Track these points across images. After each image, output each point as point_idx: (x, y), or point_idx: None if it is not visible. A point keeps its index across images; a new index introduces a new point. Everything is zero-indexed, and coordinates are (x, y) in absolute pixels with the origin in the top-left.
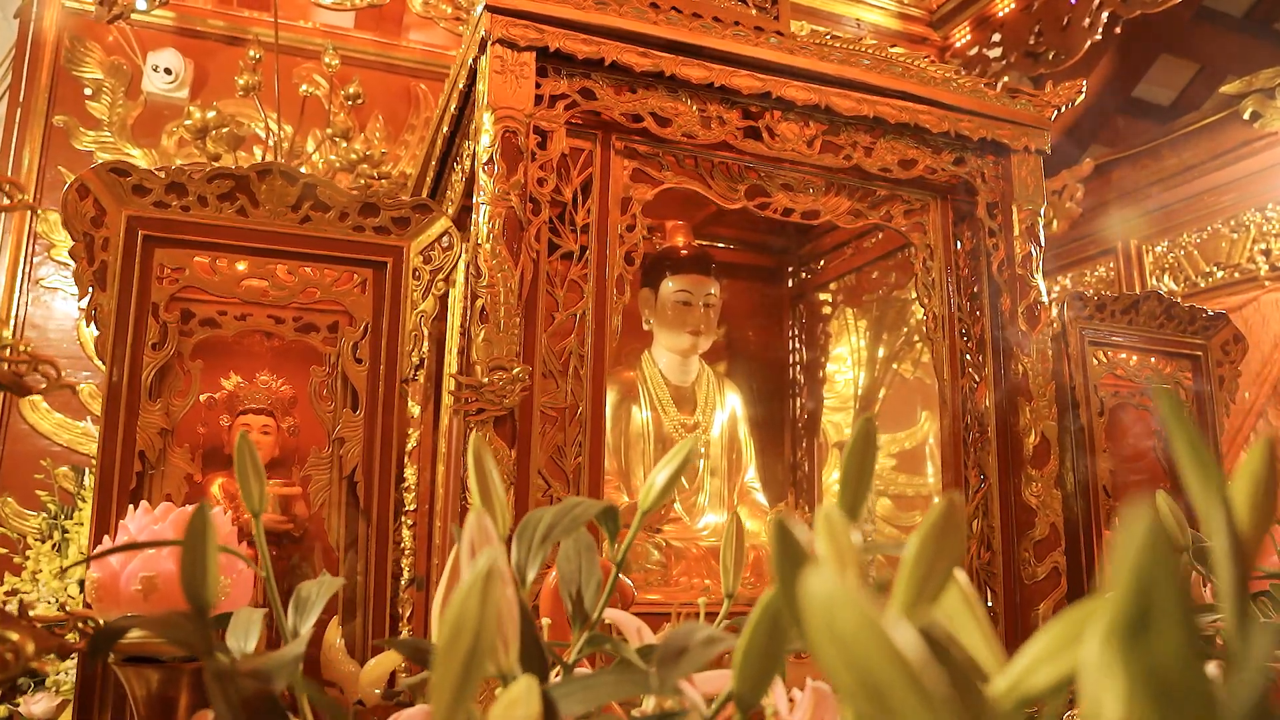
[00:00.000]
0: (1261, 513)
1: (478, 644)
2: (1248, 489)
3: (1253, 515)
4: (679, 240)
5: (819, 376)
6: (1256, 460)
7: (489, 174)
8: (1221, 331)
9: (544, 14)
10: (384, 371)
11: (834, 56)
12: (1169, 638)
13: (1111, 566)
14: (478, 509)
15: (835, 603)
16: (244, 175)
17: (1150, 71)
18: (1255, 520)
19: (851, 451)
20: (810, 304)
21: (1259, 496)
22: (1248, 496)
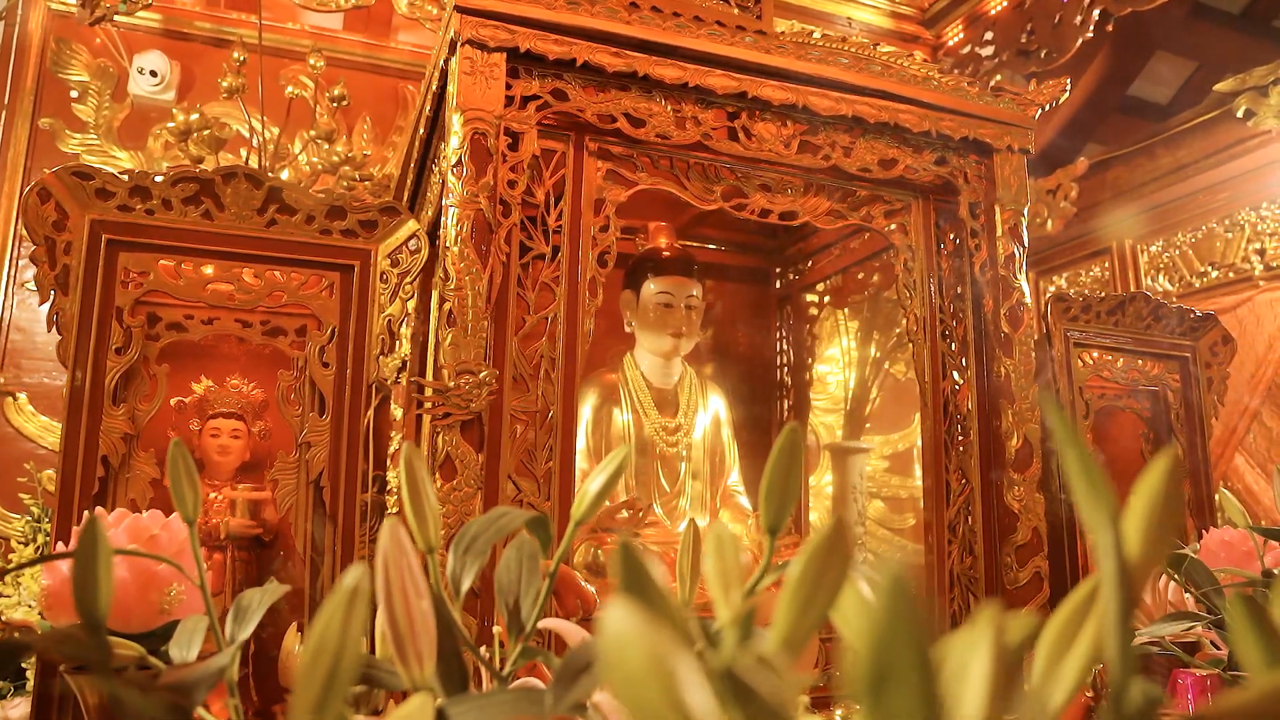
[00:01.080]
0: (1157, 536)
1: (339, 666)
2: (1145, 510)
3: (1148, 538)
4: (661, 241)
5: (805, 378)
6: (1156, 479)
7: (457, 176)
8: (1210, 333)
9: (515, 14)
10: (350, 375)
11: (812, 56)
12: (904, 697)
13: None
14: (393, 520)
15: (627, 641)
16: (209, 178)
17: (1147, 69)
18: (1150, 543)
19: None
20: (797, 305)
21: (1156, 518)
22: (1144, 518)
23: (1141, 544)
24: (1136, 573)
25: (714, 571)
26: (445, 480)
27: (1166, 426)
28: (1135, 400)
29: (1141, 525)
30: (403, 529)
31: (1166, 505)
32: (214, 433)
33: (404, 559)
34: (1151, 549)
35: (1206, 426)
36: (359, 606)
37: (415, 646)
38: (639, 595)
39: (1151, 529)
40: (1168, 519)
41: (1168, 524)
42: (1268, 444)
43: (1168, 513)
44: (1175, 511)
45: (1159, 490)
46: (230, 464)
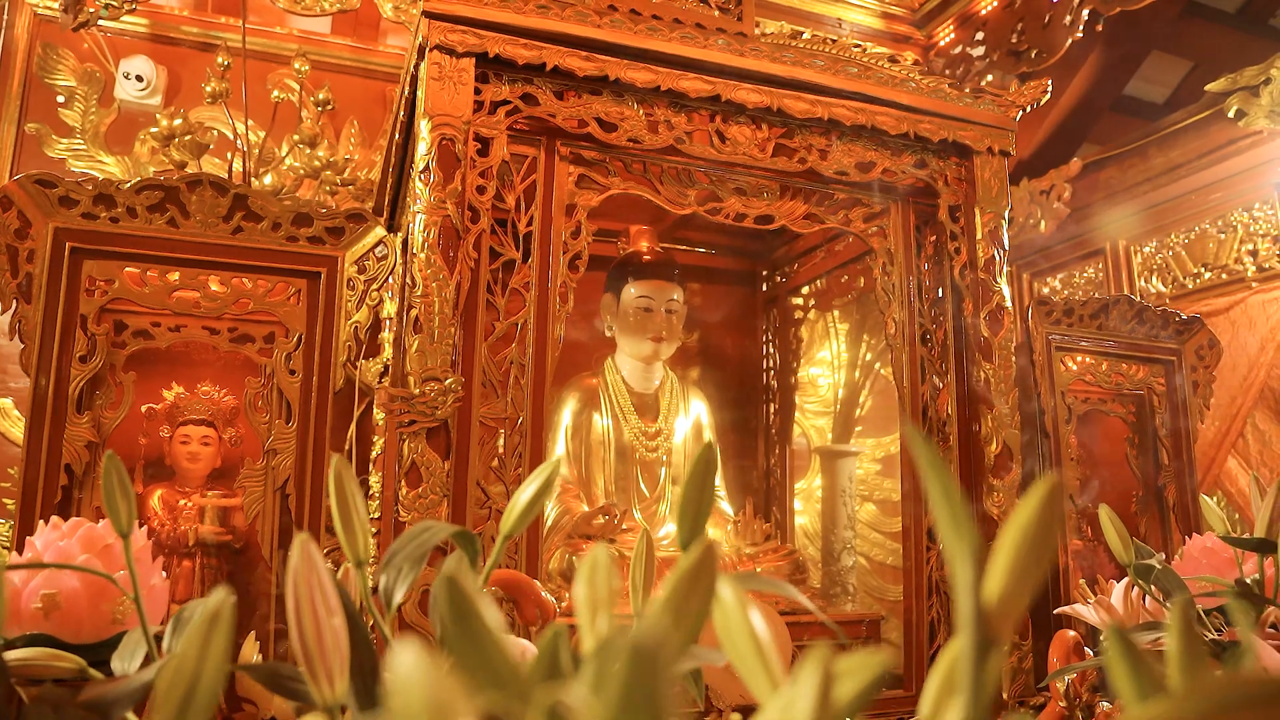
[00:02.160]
0: (1027, 567)
1: (195, 690)
2: (1014, 543)
3: (1014, 573)
4: (642, 245)
5: (791, 382)
6: (1030, 510)
7: (424, 182)
8: (1196, 335)
9: (483, 19)
10: (317, 383)
11: (786, 58)
12: None
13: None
14: (304, 536)
15: (408, 683)
16: (174, 186)
17: (1143, 69)
18: (1016, 579)
19: (690, 478)
20: (783, 308)
21: (1026, 552)
22: (1012, 552)
23: (1006, 579)
24: (998, 609)
25: (582, 597)
26: (411, 488)
27: (1151, 431)
28: (1120, 405)
29: (1009, 559)
30: (314, 545)
31: (1039, 537)
32: (184, 439)
33: (314, 575)
34: (1017, 585)
35: (1192, 431)
36: (220, 631)
37: (325, 664)
38: (463, 632)
39: (1019, 563)
40: (1040, 553)
41: (1040, 557)
42: (1261, 447)
43: (1040, 546)
44: (1048, 545)
45: (1033, 521)
46: (200, 471)
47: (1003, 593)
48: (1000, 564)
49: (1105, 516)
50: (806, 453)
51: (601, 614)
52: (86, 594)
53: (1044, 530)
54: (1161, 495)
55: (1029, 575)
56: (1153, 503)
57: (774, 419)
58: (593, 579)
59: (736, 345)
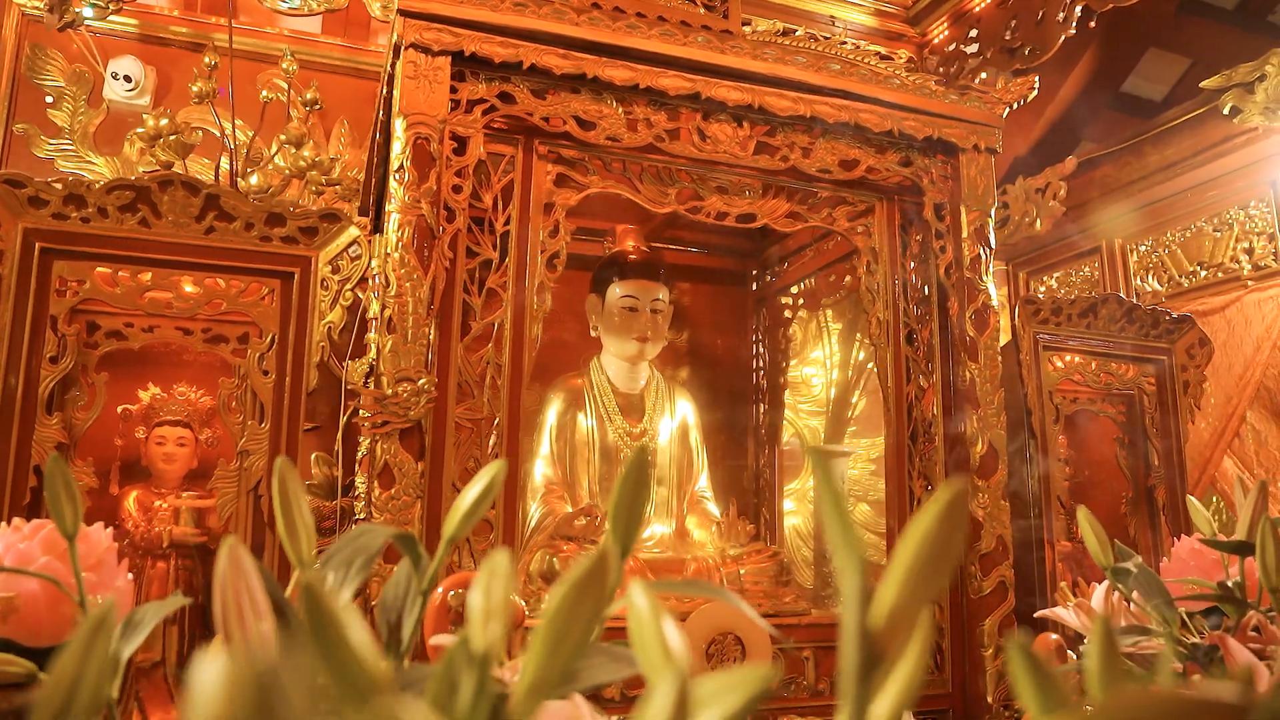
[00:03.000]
0: (923, 580)
1: (74, 699)
2: (910, 554)
3: (910, 583)
4: (628, 244)
5: (780, 382)
6: (929, 520)
7: (399, 181)
8: (1186, 335)
9: (459, 17)
10: (290, 383)
11: (768, 55)
12: None
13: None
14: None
15: (204, 695)
16: (145, 186)
17: (1141, 67)
18: (913, 589)
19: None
20: (773, 307)
21: (923, 564)
22: (908, 564)
23: (899, 592)
24: (888, 623)
25: (476, 604)
26: (384, 489)
27: (1141, 431)
28: (1110, 405)
29: (903, 572)
30: (242, 549)
31: (938, 549)
32: (159, 440)
33: (242, 580)
34: (910, 598)
35: (1183, 431)
36: (102, 638)
37: None
38: (321, 641)
39: (915, 576)
40: (939, 565)
41: (938, 570)
42: (1257, 446)
43: (939, 558)
44: (948, 557)
45: (932, 532)
46: (176, 472)
47: (894, 607)
48: (894, 576)
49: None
50: (799, 453)
51: (493, 623)
52: (46, 597)
53: (944, 542)
54: (1151, 496)
55: (924, 588)
56: (1143, 503)
57: (764, 419)
58: (489, 587)
59: (726, 345)
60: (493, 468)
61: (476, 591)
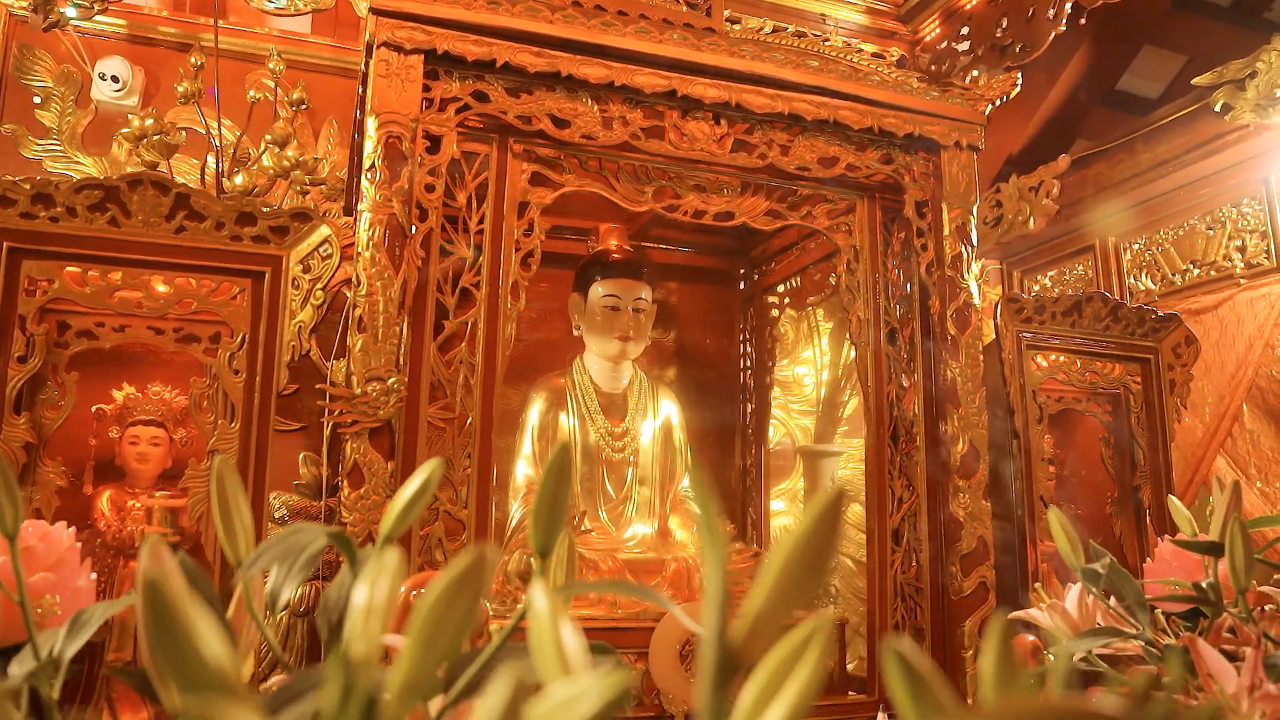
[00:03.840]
0: (794, 586)
1: None
2: (786, 557)
3: (780, 589)
4: (611, 244)
5: (767, 381)
6: (806, 524)
7: (371, 180)
8: (1173, 333)
9: (432, 15)
10: (260, 383)
11: (745, 52)
12: None
13: None
14: (154, 538)
15: None
16: (114, 185)
17: (1137, 64)
18: (781, 595)
19: (545, 483)
20: (760, 306)
21: (797, 567)
22: (782, 567)
23: (767, 597)
24: (753, 628)
25: (359, 604)
26: (353, 488)
27: (1127, 431)
28: (1095, 404)
29: (774, 577)
30: (166, 547)
31: (813, 555)
32: (133, 440)
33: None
34: (778, 603)
35: (1169, 430)
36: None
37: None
38: (163, 638)
39: (785, 581)
40: (812, 572)
41: (811, 576)
42: (1249, 446)
43: (813, 565)
44: (822, 563)
45: (808, 537)
46: (150, 471)
47: (759, 613)
48: (764, 582)
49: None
50: (790, 452)
51: (373, 621)
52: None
53: (818, 548)
54: (1137, 496)
55: (794, 594)
56: (1128, 503)
57: (751, 418)
58: (374, 583)
59: (714, 344)
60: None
61: (360, 587)
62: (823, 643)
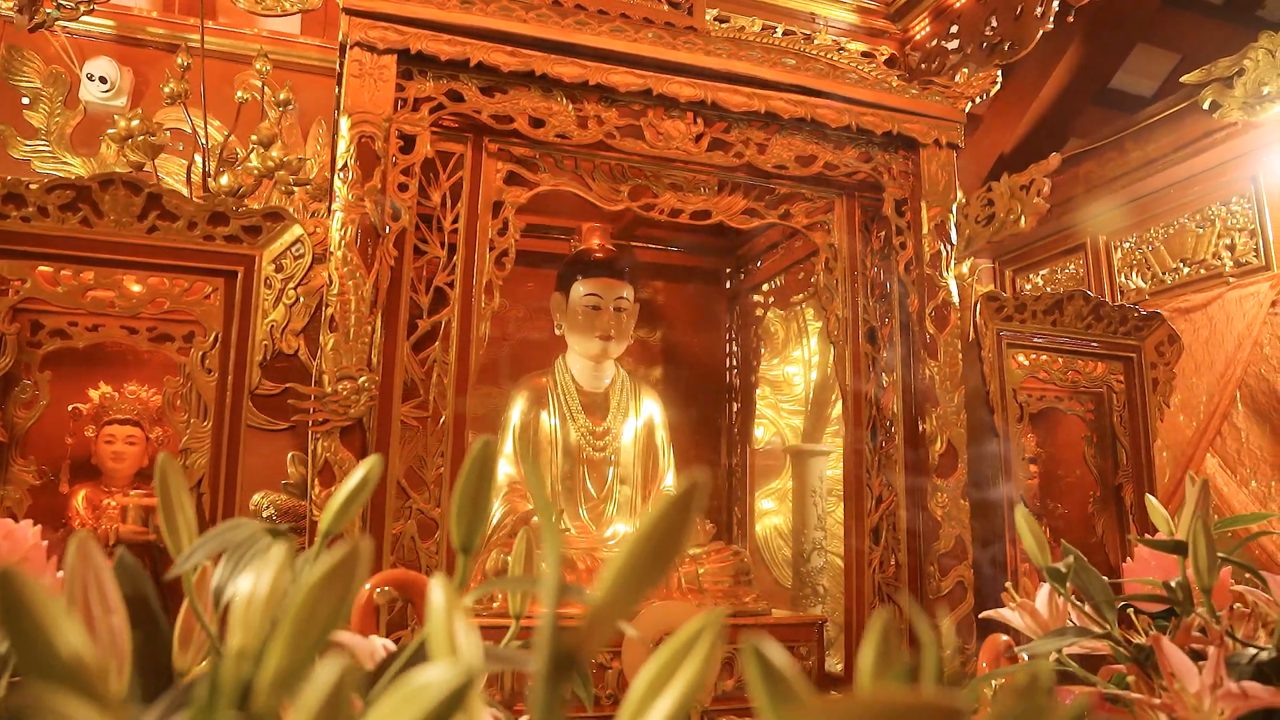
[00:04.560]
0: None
1: None
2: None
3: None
4: (594, 243)
5: (752, 380)
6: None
7: (343, 180)
8: (1156, 331)
9: (405, 15)
10: (232, 381)
11: (720, 50)
12: None
13: None
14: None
15: None
16: (85, 185)
17: (1131, 63)
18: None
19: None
20: (746, 306)
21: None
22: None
23: (614, 586)
24: (593, 619)
25: (242, 596)
26: (323, 486)
27: (1109, 429)
28: (1078, 402)
29: (620, 568)
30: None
31: (660, 547)
32: (108, 439)
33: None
34: (622, 597)
35: (1152, 428)
36: None
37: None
38: (18, 631)
39: (630, 573)
40: (657, 563)
41: (655, 568)
42: (1238, 445)
43: (659, 557)
44: (668, 555)
45: (655, 529)
46: (126, 470)
47: (601, 604)
48: (608, 575)
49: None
50: (780, 451)
51: (253, 613)
52: None
53: (664, 543)
54: (1119, 494)
55: (636, 589)
56: (1111, 502)
57: (736, 417)
58: (258, 576)
59: (700, 343)
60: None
61: (245, 578)
62: (712, 639)
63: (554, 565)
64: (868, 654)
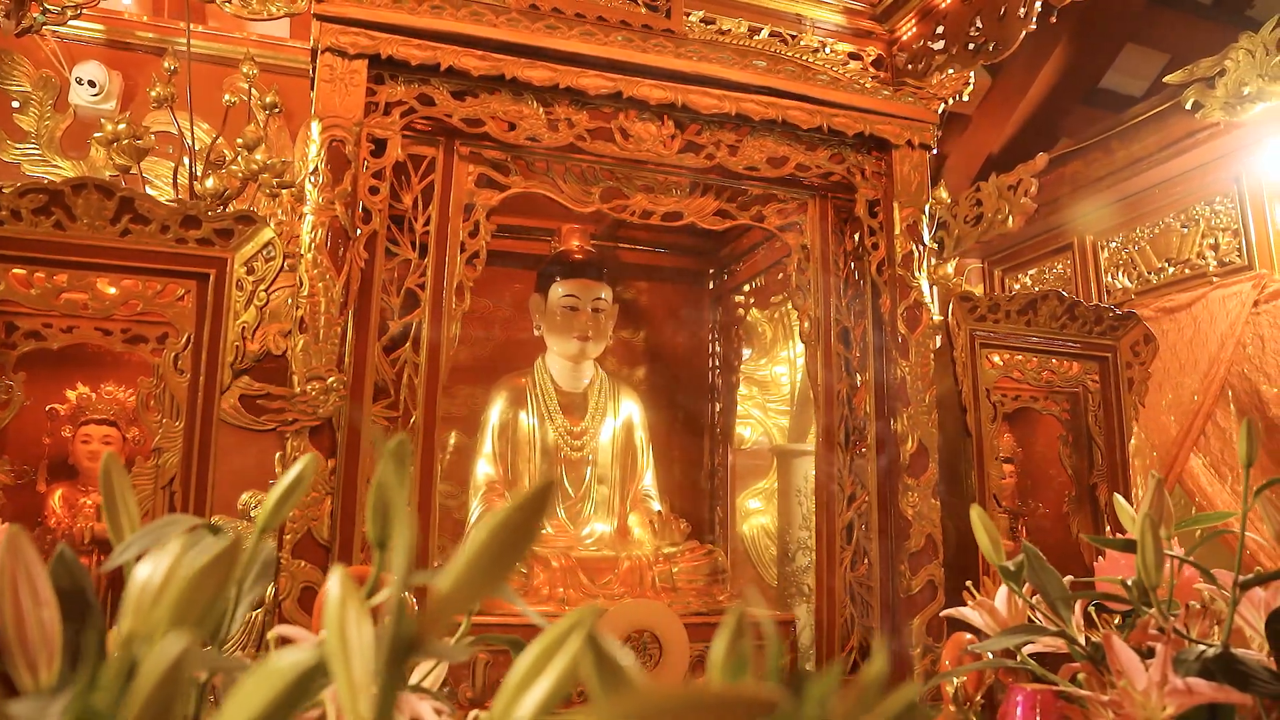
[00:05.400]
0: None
1: None
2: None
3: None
4: (573, 244)
5: (734, 380)
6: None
7: (314, 184)
8: (1131, 331)
9: (376, 21)
10: (204, 382)
11: (691, 53)
12: None
13: None
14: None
15: None
16: (58, 189)
17: (1120, 62)
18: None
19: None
20: (728, 306)
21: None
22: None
23: (458, 578)
24: (437, 607)
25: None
26: None
27: (1085, 429)
28: (1053, 402)
29: (468, 559)
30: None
31: (509, 541)
32: (85, 439)
33: (20, 567)
34: (468, 585)
35: (1127, 428)
36: None
37: (27, 657)
38: None
39: (478, 564)
40: (505, 556)
41: (504, 561)
42: (1222, 445)
43: (507, 550)
44: (516, 549)
45: (506, 524)
46: None
47: (447, 593)
48: (456, 565)
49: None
50: (767, 451)
51: (145, 598)
52: None
53: (512, 537)
54: (1094, 494)
55: (483, 581)
56: (1086, 502)
57: (718, 418)
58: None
59: (683, 343)
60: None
61: (144, 566)
62: (583, 635)
63: (403, 553)
64: (718, 647)
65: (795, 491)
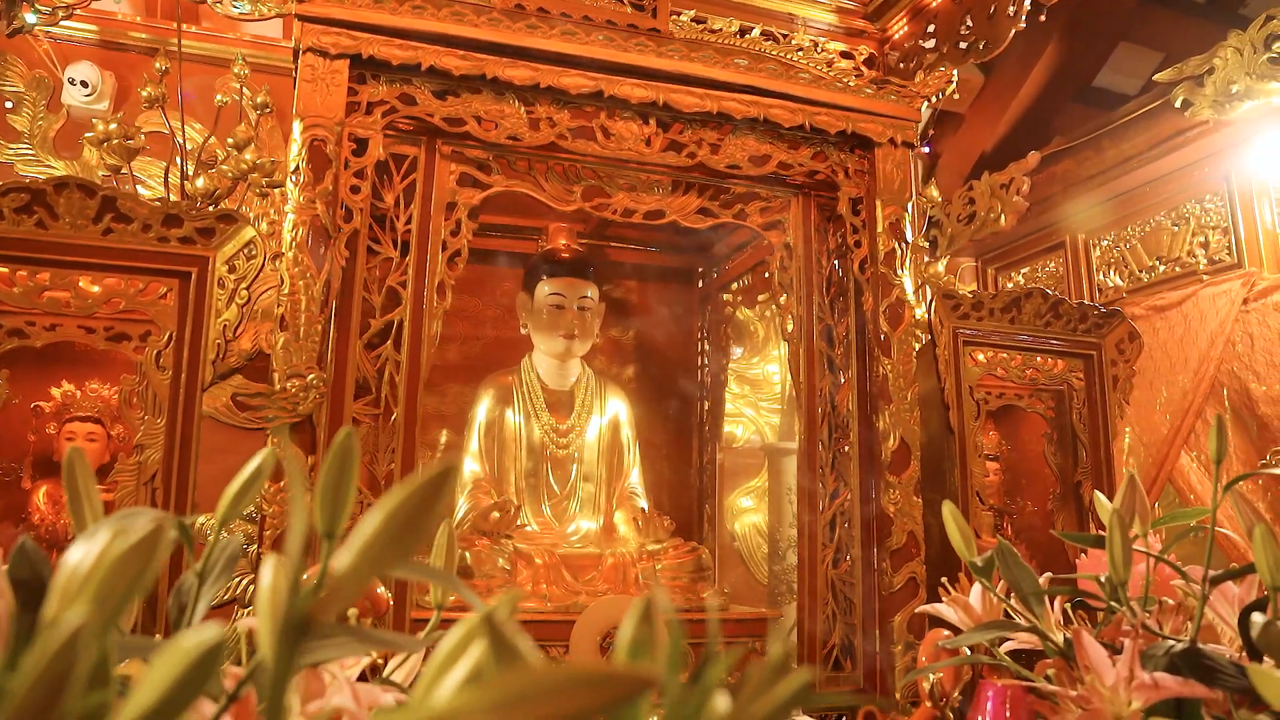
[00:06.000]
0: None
1: None
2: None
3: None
4: (559, 243)
5: (723, 378)
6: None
7: (295, 183)
8: (1116, 329)
9: (357, 21)
10: (185, 380)
11: (673, 52)
12: None
13: None
14: None
15: None
16: (40, 189)
17: (1114, 60)
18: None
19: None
20: (717, 304)
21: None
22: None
23: (356, 558)
24: (334, 586)
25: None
26: (273, 482)
27: (1069, 427)
28: (1038, 400)
29: (363, 540)
30: None
31: (409, 522)
32: (69, 436)
33: None
34: (365, 566)
35: (1111, 425)
36: None
37: None
38: None
39: (376, 545)
40: (405, 537)
41: (403, 542)
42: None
43: (407, 530)
44: (413, 532)
45: (405, 505)
46: None
47: (345, 573)
48: (353, 545)
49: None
50: (760, 450)
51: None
52: None
53: (411, 518)
54: (1078, 492)
55: (381, 561)
56: (1070, 500)
57: (707, 416)
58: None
59: (673, 341)
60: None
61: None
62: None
63: (298, 533)
64: (624, 633)
65: (786, 489)
